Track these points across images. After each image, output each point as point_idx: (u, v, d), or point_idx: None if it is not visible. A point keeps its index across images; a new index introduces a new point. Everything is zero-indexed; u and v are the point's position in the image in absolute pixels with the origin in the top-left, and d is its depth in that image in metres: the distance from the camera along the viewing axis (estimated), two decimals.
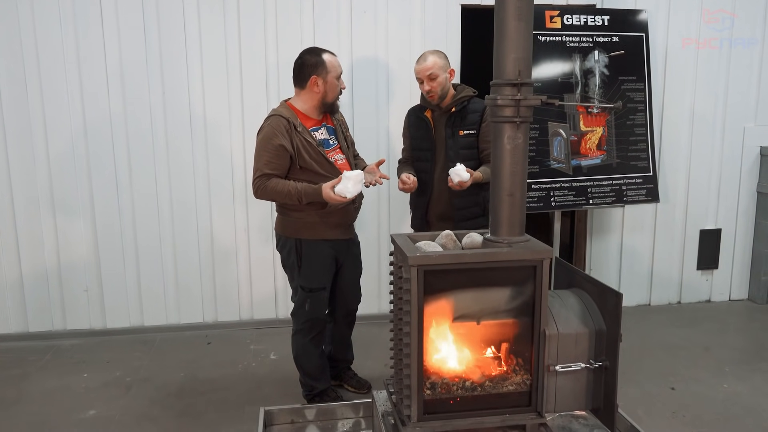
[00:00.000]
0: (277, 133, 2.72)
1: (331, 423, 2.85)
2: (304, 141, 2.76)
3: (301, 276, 2.92)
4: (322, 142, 2.85)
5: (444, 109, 3.10)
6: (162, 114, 3.89)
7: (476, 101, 3.12)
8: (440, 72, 3.01)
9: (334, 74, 2.82)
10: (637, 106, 4.00)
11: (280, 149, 2.72)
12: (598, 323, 2.14)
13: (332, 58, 2.83)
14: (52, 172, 3.86)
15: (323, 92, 2.81)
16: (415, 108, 3.27)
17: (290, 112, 2.80)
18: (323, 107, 2.87)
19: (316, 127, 2.86)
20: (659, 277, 4.55)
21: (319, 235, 2.86)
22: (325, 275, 2.93)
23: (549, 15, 3.84)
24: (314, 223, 2.84)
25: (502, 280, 2.10)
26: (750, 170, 4.51)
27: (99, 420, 3.04)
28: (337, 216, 2.85)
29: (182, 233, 4.03)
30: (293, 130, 2.75)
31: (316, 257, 2.89)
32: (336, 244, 2.93)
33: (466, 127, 3.08)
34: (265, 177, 2.73)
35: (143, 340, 3.97)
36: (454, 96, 3.09)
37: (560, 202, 3.87)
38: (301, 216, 2.84)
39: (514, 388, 2.12)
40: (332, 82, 2.82)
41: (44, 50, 3.74)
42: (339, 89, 2.87)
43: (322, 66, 2.79)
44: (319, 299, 2.93)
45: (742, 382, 3.37)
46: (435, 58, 3.01)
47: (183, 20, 3.82)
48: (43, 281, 3.97)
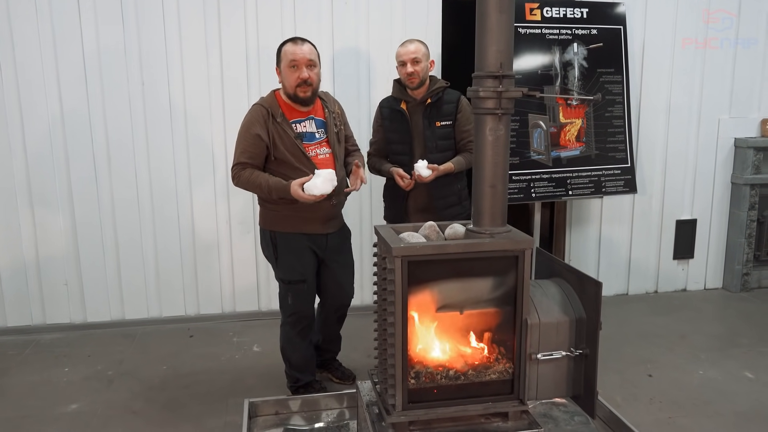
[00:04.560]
0: (255, 122, 2.73)
1: (316, 413, 2.88)
2: (282, 132, 2.74)
3: (278, 268, 2.93)
4: (303, 134, 2.81)
5: (419, 100, 3.14)
6: (141, 105, 3.85)
7: (450, 92, 3.18)
8: (423, 58, 3.08)
9: (285, 62, 2.72)
10: (615, 98, 4.05)
11: (256, 138, 2.72)
12: (579, 312, 2.19)
13: (290, 46, 2.73)
14: (29, 163, 3.80)
15: (282, 82, 2.79)
16: (388, 100, 3.27)
17: (273, 102, 2.79)
18: (292, 99, 2.78)
19: (300, 118, 2.83)
20: (637, 267, 4.63)
21: (293, 228, 2.85)
22: (304, 268, 2.91)
23: (529, 7, 3.86)
24: (288, 216, 2.83)
25: (485, 270, 2.13)
26: (724, 161, 4.60)
27: (81, 414, 3.02)
28: (310, 211, 2.81)
29: (163, 225, 4.00)
30: (271, 120, 2.73)
31: (292, 250, 2.88)
32: (313, 238, 2.90)
33: (443, 118, 3.13)
34: (241, 166, 2.76)
35: (125, 334, 3.95)
36: (429, 87, 3.13)
37: (540, 193, 3.92)
38: (276, 208, 2.84)
39: (496, 376, 2.15)
40: (285, 71, 2.74)
41: (20, 40, 3.67)
42: (296, 78, 2.70)
43: (279, 55, 2.78)
44: (301, 292, 2.92)
45: (717, 368, 3.45)
46: (419, 45, 3.09)
47: (162, 9, 3.77)
48: (22, 275, 3.92)
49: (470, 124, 3.14)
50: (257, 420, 2.83)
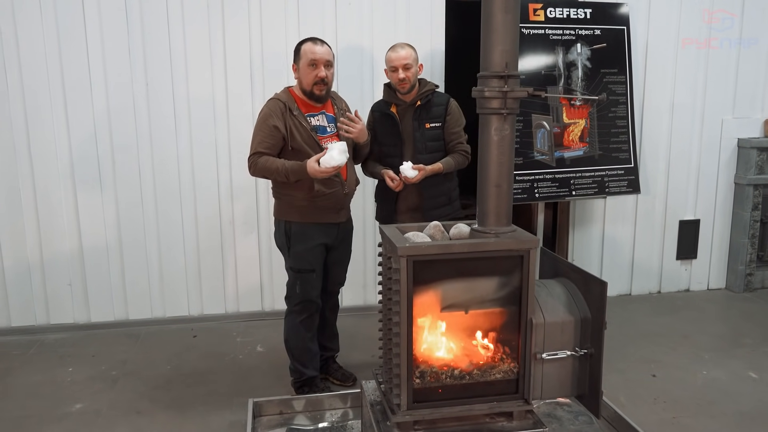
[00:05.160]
0: (272, 115, 2.86)
1: (320, 413, 2.88)
2: (298, 124, 2.87)
3: (290, 257, 3.00)
4: (317, 128, 2.93)
5: (409, 103, 3.20)
6: (146, 105, 3.85)
7: (439, 95, 3.25)
8: (414, 63, 3.14)
9: (305, 61, 2.86)
10: (618, 99, 4.05)
11: (273, 130, 2.84)
12: (583, 311, 2.19)
13: (311, 45, 2.87)
14: (33, 164, 3.81)
15: (299, 79, 2.92)
16: (379, 104, 3.33)
17: (288, 97, 2.93)
18: (307, 95, 2.92)
19: (313, 113, 2.95)
20: (640, 267, 4.63)
21: (308, 218, 2.94)
22: (314, 257, 2.98)
23: (533, 8, 3.87)
24: (304, 206, 2.92)
25: (490, 269, 2.13)
26: (728, 162, 4.60)
27: (85, 414, 3.03)
28: (326, 200, 2.91)
29: (167, 226, 4.01)
30: (288, 113, 2.86)
31: (305, 240, 2.95)
32: (325, 227, 2.99)
33: (432, 120, 3.20)
34: (258, 155, 2.87)
35: (128, 334, 3.95)
36: (419, 90, 3.20)
37: (544, 194, 3.92)
38: (291, 199, 2.93)
39: (501, 376, 2.15)
40: (303, 69, 2.88)
41: (24, 41, 3.68)
42: (315, 77, 2.85)
43: (298, 53, 2.91)
44: (309, 281, 2.98)
45: (720, 368, 3.45)
46: (410, 50, 3.15)
47: (166, 9, 3.78)
48: (26, 275, 3.92)
49: (459, 126, 3.24)
50: (261, 420, 2.83)
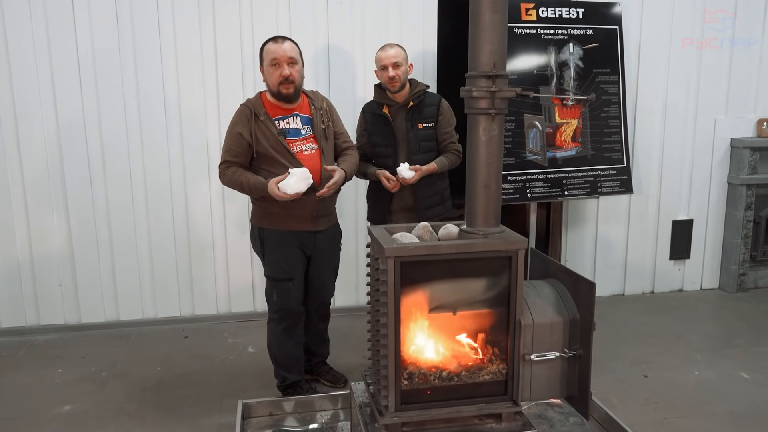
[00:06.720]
0: (238, 121, 2.82)
1: (310, 415, 2.87)
2: (265, 129, 2.79)
3: (265, 265, 2.95)
4: (286, 131, 2.82)
5: (402, 103, 3.21)
6: (136, 105, 3.83)
7: (430, 95, 3.28)
8: (403, 62, 3.16)
9: (267, 61, 2.75)
10: (611, 99, 4.05)
11: (238, 137, 2.80)
12: (572, 312, 2.18)
13: (271, 44, 2.76)
14: (23, 163, 3.79)
15: (266, 81, 2.83)
16: (371, 105, 3.32)
17: (257, 101, 2.85)
18: (276, 96, 2.82)
19: (284, 115, 2.84)
20: (633, 267, 4.63)
21: (280, 225, 2.86)
22: (291, 266, 2.90)
23: (524, 7, 3.86)
24: (276, 213, 2.84)
25: (478, 270, 2.12)
26: (721, 162, 4.60)
27: (75, 415, 3.01)
28: (298, 208, 2.81)
29: (158, 226, 3.99)
30: (254, 119, 2.79)
31: (279, 247, 2.89)
32: (300, 235, 2.89)
33: (425, 120, 3.21)
34: (226, 164, 2.84)
35: (119, 335, 3.93)
36: (411, 90, 3.20)
37: (536, 194, 3.91)
38: (264, 206, 2.86)
39: (490, 377, 2.14)
40: (267, 70, 2.77)
41: (13, 40, 3.66)
42: (278, 76, 2.73)
43: (261, 55, 2.82)
44: (286, 290, 2.91)
45: (713, 368, 3.45)
46: (399, 49, 3.17)
47: (156, 8, 3.76)
48: (16, 275, 3.90)
49: (450, 125, 3.26)
50: (251, 421, 2.82)
